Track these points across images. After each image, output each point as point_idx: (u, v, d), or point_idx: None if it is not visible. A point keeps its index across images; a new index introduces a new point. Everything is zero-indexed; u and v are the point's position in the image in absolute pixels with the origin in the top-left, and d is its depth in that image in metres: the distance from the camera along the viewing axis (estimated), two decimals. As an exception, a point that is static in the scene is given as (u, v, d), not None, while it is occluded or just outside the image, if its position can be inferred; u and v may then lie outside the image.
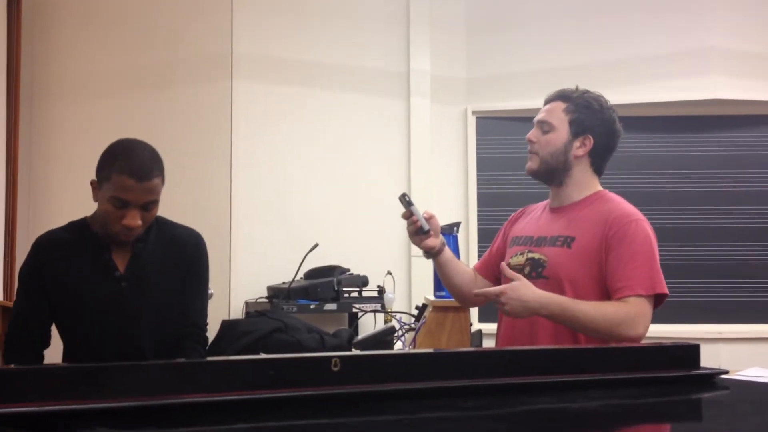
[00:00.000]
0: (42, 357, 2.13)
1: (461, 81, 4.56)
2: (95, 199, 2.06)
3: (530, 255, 2.13)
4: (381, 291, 3.99)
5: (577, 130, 2.13)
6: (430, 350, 1.56)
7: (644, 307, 1.97)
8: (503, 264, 2.05)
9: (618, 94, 4.36)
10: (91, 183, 2.05)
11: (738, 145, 4.39)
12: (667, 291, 2.01)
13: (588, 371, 1.32)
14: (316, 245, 3.96)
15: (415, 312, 2.84)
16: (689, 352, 1.40)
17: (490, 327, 3.31)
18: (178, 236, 2.20)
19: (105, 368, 1.11)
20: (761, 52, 4.37)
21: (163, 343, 2.13)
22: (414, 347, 2.56)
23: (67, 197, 4.23)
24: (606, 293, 2.02)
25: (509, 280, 2.09)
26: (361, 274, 4.10)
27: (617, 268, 1.99)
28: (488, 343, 3.44)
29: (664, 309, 4.45)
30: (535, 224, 2.22)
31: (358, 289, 4.02)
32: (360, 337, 2.65)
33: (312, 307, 3.85)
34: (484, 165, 4.47)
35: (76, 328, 2.09)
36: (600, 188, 2.19)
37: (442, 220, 4.37)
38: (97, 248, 2.09)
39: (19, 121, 4.06)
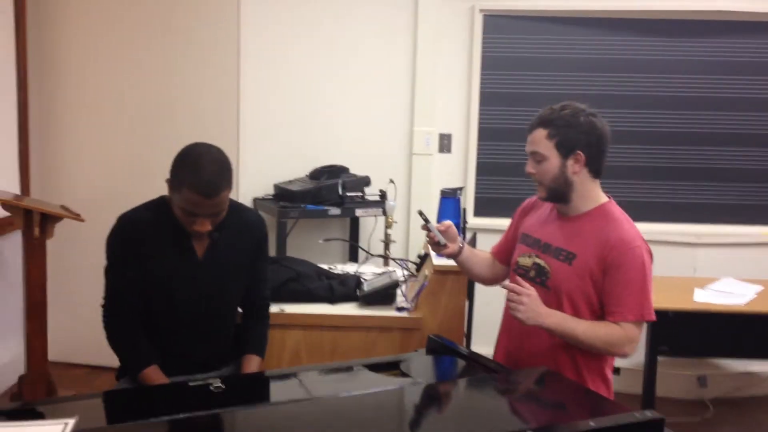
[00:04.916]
0: (141, 327, 2.31)
1: (469, -23, 4.46)
2: (170, 195, 2.21)
3: (537, 260, 2.34)
4: (383, 195, 4.16)
5: (566, 150, 2.24)
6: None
7: (632, 331, 2.20)
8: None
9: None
10: (167, 181, 2.20)
11: (733, 52, 4.41)
12: (654, 318, 2.23)
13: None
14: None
15: (417, 260, 3.06)
16: (654, 427, 1.67)
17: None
18: (248, 221, 2.41)
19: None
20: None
21: (230, 316, 2.43)
22: (416, 307, 2.81)
23: (78, 121, 4.31)
24: (597, 307, 2.25)
25: (514, 277, 2.34)
26: (364, 175, 4.25)
27: (612, 293, 2.20)
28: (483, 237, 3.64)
29: (646, 210, 4.86)
30: (543, 227, 2.39)
31: (360, 193, 4.16)
32: (366, 290, 2.88)
33: (317, 212, 4.00)
34: (489, 64, 4.49)
35: (153, 304, 2.30)
36: (603, 199, 2.33)
37: (445, 124, 4.46)
38: (178, 232, 2.26)
39: (27, 47, 4.06)
